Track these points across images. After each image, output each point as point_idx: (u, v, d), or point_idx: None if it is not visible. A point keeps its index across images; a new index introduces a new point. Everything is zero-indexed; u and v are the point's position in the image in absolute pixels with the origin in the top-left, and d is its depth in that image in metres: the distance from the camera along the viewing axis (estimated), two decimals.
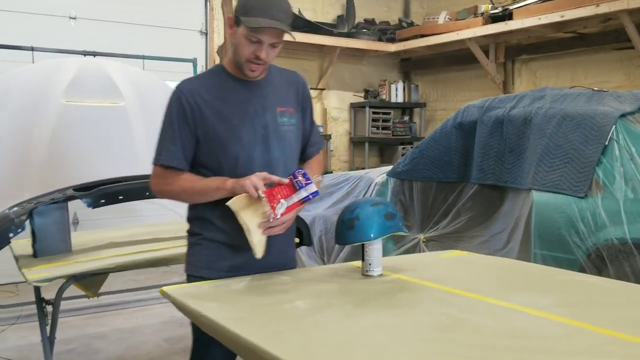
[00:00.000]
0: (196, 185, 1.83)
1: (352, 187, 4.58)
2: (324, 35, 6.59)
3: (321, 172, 2.07)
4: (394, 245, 4.25)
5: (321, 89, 7.14)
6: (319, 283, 1.81)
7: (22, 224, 2.65)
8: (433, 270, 1.97)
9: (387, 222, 1.85)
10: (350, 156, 7.45)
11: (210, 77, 1.91)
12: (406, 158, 4.15)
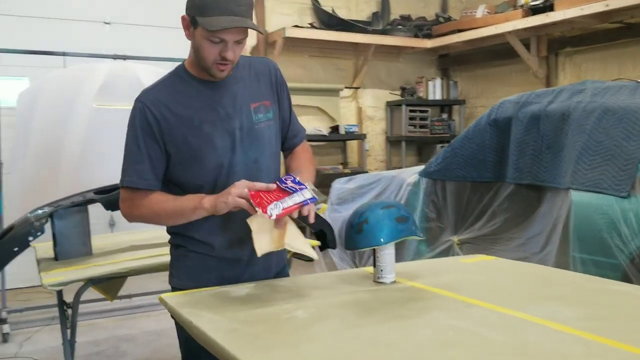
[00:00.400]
0: (169, 207, 1.67)
1: (384, 188, 4.46)
2: (358, 33, 6.48)
3: (314, 170, 1.93)
4: (427, 247, 4.11)
5: (356, 88, 7.02)
6: (326, 290, 1.71)
7: (41, 228, 2.65)
8: (451, 277, 1.84)
9: (399, 225, 1.74)
10: (387, 156, 7.31)
11: (173, 82, 1.73)
12: (438, 157, 4.00)
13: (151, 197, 1.69)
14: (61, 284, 2.36)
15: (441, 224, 4.02)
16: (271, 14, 6.40)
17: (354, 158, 7.10)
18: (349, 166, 6.84)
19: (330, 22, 6.48)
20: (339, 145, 7.03)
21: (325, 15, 6.49)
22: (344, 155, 7.02)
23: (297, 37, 6.22)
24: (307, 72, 6.72)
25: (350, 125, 6.71)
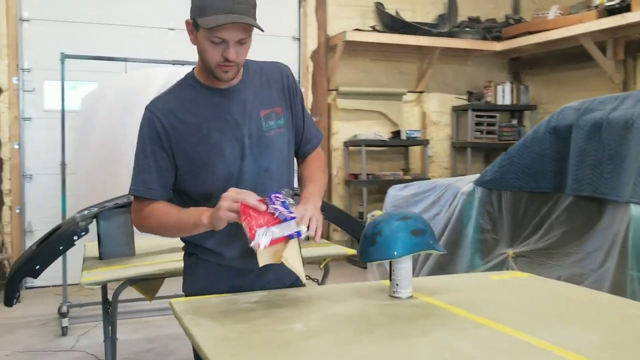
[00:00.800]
0: (171, 220, 1.64)
1: (439, 197, 4.33)
2: (422, 35, 6.35)
3: (325, 179, 1.88)
4: (481, 260, 3.96)
5: (420, 92, 6.89)
6: (335, 303, 1.65)
7: (86, 227, 2.75)
8: (472, 294, 1.75)
9: (415, 238, 1.66)
10: (451, 162, 7.12)
11: (182, 90, 1.71)
12: (494, 166, 3.84)
13: (157, 207, 1.67)
14: (98, 283, 2.43)
15: (496, 236, 3.85)
16: (333, 18, 6.39)
17: (416, 164, 6.96)
18: (410, 173, 6.71)
19: (394, 25, 6.39)
20: (401, 151, 6.92)
21: (388, 18, 6.41)
22: (405, 161, 6.90)
23: (359, 41, 6.17)
24: (369, 76, 6.66)
25: (413, 131, 6.58)
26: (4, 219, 5.29)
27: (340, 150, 6.56)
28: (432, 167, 7.02)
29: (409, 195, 4.70)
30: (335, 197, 6.57)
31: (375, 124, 6.71)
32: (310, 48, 6.27)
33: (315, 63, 6.31)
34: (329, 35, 6.33)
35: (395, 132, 6.62)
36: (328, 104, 6.41)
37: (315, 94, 6.33)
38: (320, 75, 6.31)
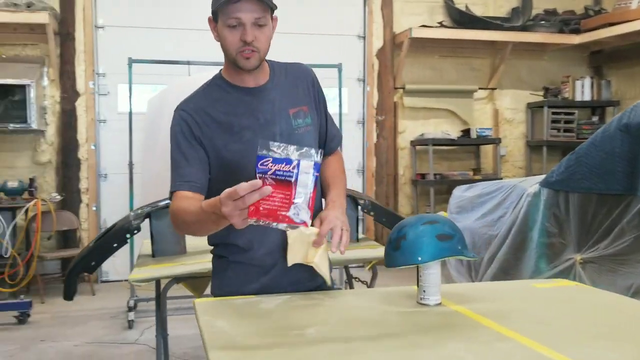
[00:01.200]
0: (192, 219, 1.55)
1: (504, 198, 4.15)
2: (493, 30, 6.12)
3: (345, 180, 1.86)
4: (547, 265, 3.76)
5: (492, 89, 6.64)
6: (358, 309, 1.61)
7: (138, 226, 2.84)
8: (506, 304, 1.64)
9: (441, 243, 1.58)
10: (527, 162, 6.81)
11: (211, 90, 1.73)
12: (561, 166, 3.63)
13: (183, 204, 1.60)
14: (144, 280, 2.50)
15: (563, 240, 3.64)
16: (400, 14, 6.27)
17: (488, 164, 6.72)
18: (481, 172, 6.48)
19: (463, 20, 6.19)
20: (472, 150, 6.70)
21: (457, 13, 6.22)
22: (476, 161, 6.68)
23: (426, 37, 6.03)
24: (437, 73, 6.49)
25: (483, 129, 6.35)
26: (81, 216, 5.58)
27: (407, 149, 6.44)
28: (506, 167, 6.75)
29: (473, 196, 4.54)
30: (402, 198, 6.45)
31: (445, 122, 6.53)
32: (375, 46, 6.18)
33: (380, 61, 6.22)
34: (395, 32, 6.22)
35: (465, 131, 6.42)
36: (394, 102, 6.31)
37: (381, 93, 6.24)
38: (386, 73, 6.22)
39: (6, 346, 3.89)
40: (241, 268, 1.76)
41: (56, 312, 4.67)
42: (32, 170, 5.43)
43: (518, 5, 6.58)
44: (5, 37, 5.33)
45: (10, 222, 4.81)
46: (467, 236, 4.32)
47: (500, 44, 6.36)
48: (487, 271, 4.10)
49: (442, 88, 6.44)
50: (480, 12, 6.45)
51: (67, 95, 5.47)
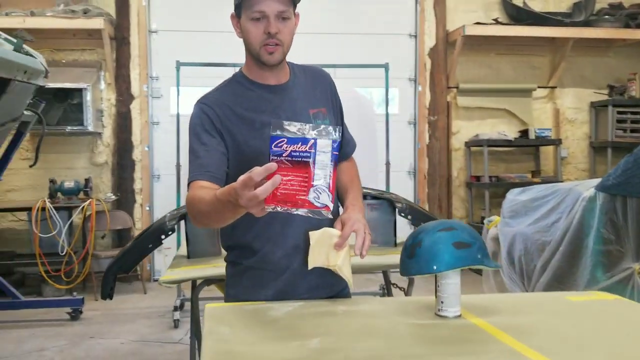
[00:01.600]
0: (206, 208, 1.46)
1: (558, 202, 3.94)
2: (552, 26, 5.85)
3: (360, 184, 1.83)
4: (604, 274, 3.53)
5: (552, 87, 6.35)
6: (371, 319, 1.53)
7: (172, 227, 2.85)
8: (533, 317, 1.52)
9: (458, 252, 1.48)
10: (590, 164, 6.48)
11: (233, 86, 1.71)
12: (618, 168, 3.41)
13: (198, 193, 1.52)
14: (174, 281, 2.51)
15: (620, 248, 3.41)
16: (454, 12, 6.10)
17: (548, 166, 6.43)
18: (541, 175, 6.21)
19: (520, 16, 5.95)
20: (531, 152, 6.43)
21: (513, 9, 5.98)
22: (536, 162, 6.40)
23: (481, 35, 5.84)
24: (494, 71, 6.26)
25: (543, 129, 6.08)
26: (135, 216, 5.72)
27: (461, 150, 6.25)
28: (567, 169, 6.44)
29: (527, 200, 4.34)
30: (456, 201, 6.27)
31: (501, 122, 6.30)
32: (427, 45, 6.03)
33: (433, 60, 6.06)
34: (448, 30, 6.05)
35: (523, 131, 6.16)
36: (447, 102, 6.14)
37: (433, 93, 6.09)
38: (439, 72, 6.05)
39: (57, 341, 4.02)
40: (256, 274, 1.72)
41: (108, 310, 4.79)
42: (89, 171, 5.62)
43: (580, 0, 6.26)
44: (65, 42, 5.54)
45: (66, 221, 4.98)
46: (520, 242, 4.14)
47: (560, 40, 6.08)
48: (540, 279, 3.91)
49: (499, 87, 6.22)
50: (540, 7, 6.19)
51: (122, 98, 5.63)
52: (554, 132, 6.29)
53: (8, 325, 4.38)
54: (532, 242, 4.05)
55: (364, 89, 6.00)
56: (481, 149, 6.04)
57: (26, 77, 3.17)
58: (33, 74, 3.25)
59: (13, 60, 2.98)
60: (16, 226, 5.59)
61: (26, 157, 5.43)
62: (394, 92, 6.10)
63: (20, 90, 3.22)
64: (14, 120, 3.46)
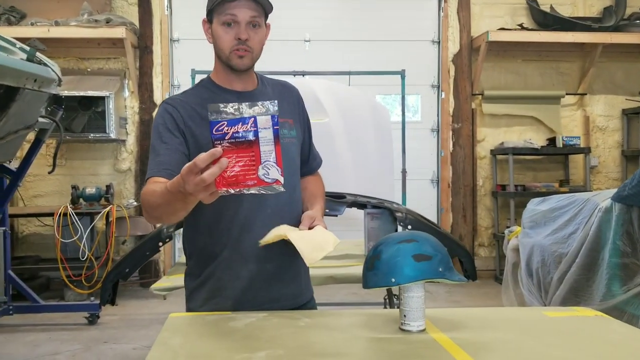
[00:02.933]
0: (158, 200, 1.43)
1: (576, 213, 3.80)
2: (580, 32, 5.67)
3: (324, 197, 1.79)
4: (620, 288, 3.38)
5: (582, 94, 6.15)
6: (330, 331, 1.49)
7: (170, 235, 2.86)
8: (499, 335, 1.45)
9: (418, 264, 1.43)
10: (622, 173, 6.24)
11: (198, 90, 1.72)
12: (634, 178, 3.25)
13: (149, 187, 1.52)
14: (165, 289, 2.50)
15: (637, 261, 3.26)
16: (479, 17, 5.98)
17: (578, 175, 6.22)
18: (570, 184, 6.01)
19: (547, 22, 5.80)
20: (560, 160, 6.23)
21: (540, 14, 5.83)
22: (565, 171, 6.20)
23: (506, 41, 5.71)
24: (521, 78, 6.11)
25: (571, 137, 5.89)
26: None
27: (487, 159, 6.11)
28: (598, 179, 6.23)
29: (547, 210, 4.21)
30: (481, 210, 6.13)
31: (529, 130, 6.14)
32: (451, 51, 5.93)
33: (457, 66, 5.96)
34: (472, 36, 5.94)
35: (551, 139, 5.99)
36: (472, 109, 6.02)
37: (457, 100, 5.98)
38: (463, 79, 5.94)
39: (72, 345, 4.09)
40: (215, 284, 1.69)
41: (125, 315, 4.85)
42: (113, 178, 5.72)
43: (611, 4, 6.06)
44: (90, 51, 5.68)
45: (88, 227, 5.07)
46: (537, 254, 4.01)
47: (589, 45, 5.89)
48: (556, 292, 3.77)
49: (526, 94, 6.06)
50: (569, 12, 6.02)
51: (145, 106, 5.72)
52: (584, 140, 6.09)
53: (27, 328, 4.48)
54: (550, 254, 3.92)
55: (384, 97, 5.95)
56: (507, 157, 5.89)
57: (37, 86, 3.24)
58: (44, 83, 3.32)
59: (22, 69, 3.06)
60: (42, 231, 5.74)
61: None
62: (416, 99, 6.03)
63: (31, 99, 3.30)
64: (27, 128, 3.54)
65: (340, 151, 4.39)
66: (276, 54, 5.55)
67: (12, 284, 4.49)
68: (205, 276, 1.70)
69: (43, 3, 5.41)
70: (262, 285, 1.64)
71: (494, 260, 6.11)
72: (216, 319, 1.59)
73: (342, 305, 5.00)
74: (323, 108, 4.37)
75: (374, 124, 4.56)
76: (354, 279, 2.69)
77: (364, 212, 2.93)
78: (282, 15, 5.83)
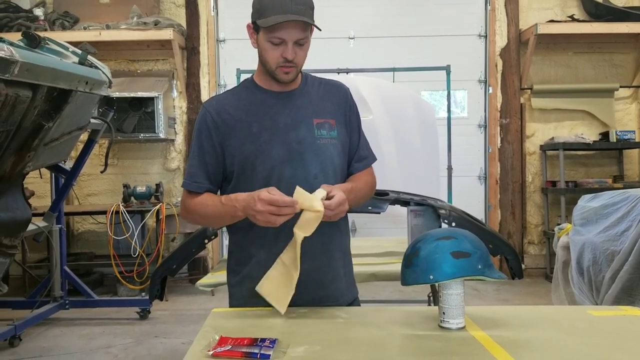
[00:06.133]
0: (210, 212, 1.67)
1: (629, 209, 3.68)
2: (634, 22, 5.46)
3: (368, 191, 1.80)
4: None
5: (637, 87, 5.92)
6: (369, 327, 1.49)
7: (215, 232, 2.91)
8: (541, 333, 1.42)
9: (457, 261, 1.42)
10: None
11: (240, 91, 1.76)
12: None
13: (199, 197, 1.70)
14: (209, 285, 2.56)
15: None
16: (527, 10, 5.84)
17: (633, 171, 6.00)
18: (625, 180, 5.80)
19: (600, 12, 5.61)
20: (614, 156, 6.02)
21: (592, 5, 5.64)
22: (619, 167, 5.99)
23: (556, 33, 5.55)
24: (572, 71, 5.93)
25: (625, 132, 5.68)
26: None
27: (536, 154, 5.97)
28: None
29: (599, 207, 4.09)
30: (531, 207, 5.98)
31: (581, 124, 5.95)
32: (498, 45, 5.80)
33: (505, 61, 5.83)
34: (521, 29, 5.80)
35: (604, 134, 5.79)
36: (521, 104, 5.88)
37: (505, 94, 5.85)
38: (511, 73, 5.81)
39: (124, 339, 4.22)
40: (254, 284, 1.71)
41: (175, 310, 4.97)
42: (162, 176, 5.87)
43: None
44: (140, 53, 5.83)
45: (139, 224, 5.22)
46: (589, 251, 3.90)
47: None
48: (608, 291, 3.66)
49: (577, 87, 5.88)
50: (622, 2, 5.80)
51: (192, 106, 5.83)
52: (639, 135, 5.86)
53: (82, 322, 4.65)
54: (601, 252, 3.80)
55: (431, 93, 5.88)
56: (557, 153, 5.73)
57: (88, 88, 3.35)
58: (95, 85, 3.43)
59: (74, 72, 3.17)
60: (96, 229, 5.94)
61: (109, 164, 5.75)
62: (463, 94, 5.94)
63: (83, 100, 3.41)
64: (80, 129, 3.67)
65: (384, 148, 4.36)
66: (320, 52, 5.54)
67: (68, 279, 4.67)
68: (243, 275, 1.74)
69: (95, 8, 5.59)
70: (300, 288, 1.62)
71: (544, 258, 5.96)
72: (256, 314, 1.62)
73: (385, 303, 4.98)
74: (367, 105, 4.36)
75: (418, 121, 4.52)
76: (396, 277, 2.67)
77: (407, 209, 2.91)
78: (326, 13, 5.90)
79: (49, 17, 5.52)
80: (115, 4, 5.60)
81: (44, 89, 2.87)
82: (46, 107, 3.05)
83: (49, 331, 4.42)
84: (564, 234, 4.41)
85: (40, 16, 5.48)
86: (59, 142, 3.43)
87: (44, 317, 4.43)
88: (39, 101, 2.87)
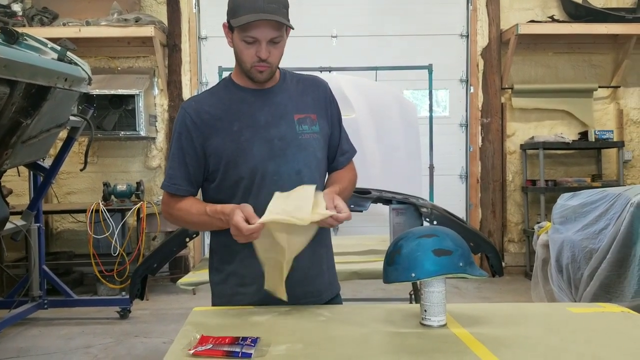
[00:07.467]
0: (194, 220, 1.68)
1: (607, 208, 3.73)
2: (612, 23, 5.54)
3: (351, 188, 1.80)
4: None
5: (615, 87, 6.00)
6: (351, 326, 1.49)
7: (196, 231, 2.89)
8: (521, 330, 1.43)
9: (439, 259, 1.42)
10: None
11: (218, 90, 1.75)
12: None
13: (182, 203, 1.70)
14: (190, 284, 2.54)
15: None
16: (508, 10, 5.88)
17: (611, 170, 6.08)
18: (602, 179, 5.89)
19: (579, 13, 5.68)
20: (593, 155, 6.10)
21: (572, 5, 5.71)
22: (597, 166, 6.08)
23: (536, 34, 5.61)
24: (552, 71, 6.00)
25: (604, 131, 5.76)
26: None
27: (516, 153, 6.02)
28: (632, 173, 6.07)
29: (577, 206, 4.14)
30: (511, 205, 6.04)
31: (560, 124, 6.02)
32: (480, 45, 5.85)
33: (486, 60, 5.87)
34: (502, 29, 5.85)
35: (583, 133, 5.87)
36: (501, 103, 5.93)
37: (486, 94, 5.90)
38: (492, 73, 5.86)
39: (104, 339, 4.18)
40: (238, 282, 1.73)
41: (156, 309, 4.93)
42: (143, 175, 5.81)
43: None
44: (120, 50, 5.77)
45: (119, 223, 5.17)
46: (567, 249, 3.95)
47: (623, 37, 5.75)
48: (587, 289, 3.71)
49: (557, 87, 5.95)
50: (601, 3, 5.88)
51: (174, 104, 5.79)
52: (617, 134, 5.95)
53: (61, 322, 4.59)
54: (580, 250, 3.86)
55: (412, 92, 5.91)
56: (537, 152, 5.79)
57: (67, 85, 3.31)
58: (75, 82, 3.39)
59: (53, 69, 3.12)
60: (75, 227, 5.87)
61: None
62: (444, 94, 5.97)
63: (62, 97, 3.37)
64: (59, 126, 3.62)
65: (367, 147, 4.37)
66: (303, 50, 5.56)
67: (47, 278, 4.61)
68: (227, 273, 1.73)
69: (74, 3, 5.52)
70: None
71: (524, 256, 6.03)
72: (238, 313, 1.61)
73: (368, 301, 5.00)
74: (350, 104, 4.36)
75: (401, 119, 4.54)
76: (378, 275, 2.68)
77: (389, 207, 2.92)
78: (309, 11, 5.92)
79: (27, 13, 5.44)
80: (95, 0, 5.54)
81: (22, 86, 2.83)
82: (24, 104, 3.00)
83: (27, 331, 4.36)
84: (543, 232, 4.46)
85: (19, 12, 5.39)
86: (38, 140, 3.38)
87: (22, 317, 4.36)
88: (16, 98, 2.83)
